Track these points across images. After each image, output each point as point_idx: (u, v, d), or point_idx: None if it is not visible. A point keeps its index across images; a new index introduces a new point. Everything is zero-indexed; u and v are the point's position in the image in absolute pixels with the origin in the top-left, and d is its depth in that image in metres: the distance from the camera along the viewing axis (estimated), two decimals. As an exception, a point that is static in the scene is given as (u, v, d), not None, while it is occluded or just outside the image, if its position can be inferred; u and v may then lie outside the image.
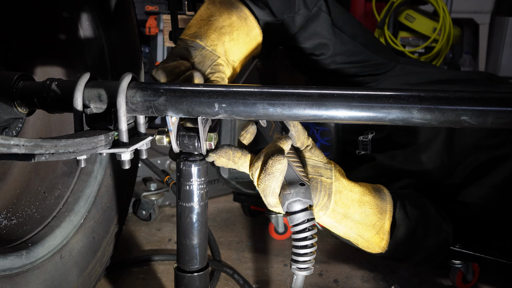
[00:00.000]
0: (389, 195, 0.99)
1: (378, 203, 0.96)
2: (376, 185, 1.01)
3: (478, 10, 3.51)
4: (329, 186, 0.89)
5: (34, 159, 0.58)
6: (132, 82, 0.80)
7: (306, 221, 0.82)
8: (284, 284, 1.40)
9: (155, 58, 3.60)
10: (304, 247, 0.82)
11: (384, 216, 0.96)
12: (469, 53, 3.69)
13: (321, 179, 0.89)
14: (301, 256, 0.82)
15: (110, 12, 1.26)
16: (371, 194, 0.95)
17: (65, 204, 1.19)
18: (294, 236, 0.82)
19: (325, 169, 0.90)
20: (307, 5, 1.21)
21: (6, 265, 0.91)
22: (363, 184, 0.96)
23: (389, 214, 0.97)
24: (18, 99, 0.85)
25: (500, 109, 0.69)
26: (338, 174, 0.91)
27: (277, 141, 0.84)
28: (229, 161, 0.85)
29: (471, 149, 1.20)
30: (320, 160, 0.90)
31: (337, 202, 0.90)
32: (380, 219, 0.96)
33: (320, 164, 0.90)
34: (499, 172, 1.16)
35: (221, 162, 0.86)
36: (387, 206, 0.97)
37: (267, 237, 1.70)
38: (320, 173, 0.89)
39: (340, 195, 0.90)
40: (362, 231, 0.95)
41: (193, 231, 0.90)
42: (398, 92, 0.73)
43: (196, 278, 0.92)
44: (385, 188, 1.00)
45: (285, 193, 0.83)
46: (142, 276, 1.43)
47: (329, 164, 0.91)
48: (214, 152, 0.85)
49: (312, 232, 0.82)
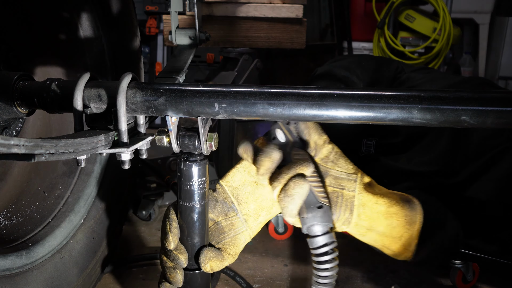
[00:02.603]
0: (419, 204, 0.93)
1: (407, 214, 0.90)
2: (404, 194, 0.95)
3: (478, 10, 3.51)
4: (351, 199, 0.86)
5: (34, 159, 0.58)
6: (132, 82, 0.80)
7: (325, 245, 0.81)
8: (284, 284, 1.40)
9: (155, 58, 3.60)
10: (324, 270, 0.81)
11: (413, 227, 0.91)
12: (469, 53, 3.69)
13: (342, 193, 0.85)
14: (322, 278, 0.81)
15: (110, 12, 1.26)
16: (399, 205, 0.90)
17: (65, 204, 1.19)
18: (315, 259, 0.81)
19: (348, 180, 0.86)
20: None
21: (6, 265, 0.91)
22: (390, 194, 0.91)
23: (419, 225, 0.91)
24: (18, 99, 0.85)
25: (500, 109, 0.69)
26: (362, 185, 0.87)
27: (298, 163, 0.82)
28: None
29: (476, 150, 1.20)
30: (343, 170, 0.87)
31: (360, 215, 0.86)
32: (408, 230, 0.90)
33: (342, 175, 0.86)
34: (500, 165, 1.16)
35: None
36: (417, 217, 0.91)
37: (267, 237, 1.70)
38: (342, 186, 0.86)
39: (364, 208, 0.87)
40: (388, 243, 0.91)
41: (194, 230, 0.90)
42: (398, 92, 0.73)
43: (198, 276, 0.92)
44: (414, 198, 0.94)
45: (303, 216, 0.81)
46: (142, 276, 1.43)
47: (353, 175, 0.87)
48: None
49: (333, 255, 0.81)
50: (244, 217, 0.95)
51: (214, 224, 0.95)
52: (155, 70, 3.56)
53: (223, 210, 0.95)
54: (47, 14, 1.18)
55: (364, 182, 0.88)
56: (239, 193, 0.96)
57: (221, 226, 0.95)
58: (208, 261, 0.89)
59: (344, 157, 0.89)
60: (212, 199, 0.95)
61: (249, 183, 0.96)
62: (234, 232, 0.95)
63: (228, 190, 0.96)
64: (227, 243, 0.94)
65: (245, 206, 0.96)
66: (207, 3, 2.07)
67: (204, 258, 0.89)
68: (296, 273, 1.46)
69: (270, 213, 0.98)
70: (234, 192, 0.96)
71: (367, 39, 3.62)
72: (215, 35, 2.07)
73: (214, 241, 0.95)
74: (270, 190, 0.97)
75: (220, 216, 0.95)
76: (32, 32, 1.15)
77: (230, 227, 0.95)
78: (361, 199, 0.87)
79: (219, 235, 0.95)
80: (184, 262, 0.89)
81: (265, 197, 0.96)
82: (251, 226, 0.96)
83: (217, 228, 0.95)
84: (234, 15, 2.09)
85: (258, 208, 0.96)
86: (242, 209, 0.95)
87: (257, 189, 0.96)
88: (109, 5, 1.25)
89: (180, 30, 1.08)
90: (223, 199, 0.96)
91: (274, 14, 2.07)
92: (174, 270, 0.89)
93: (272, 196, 0.87)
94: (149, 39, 3.56)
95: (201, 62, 3.30)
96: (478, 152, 1.20)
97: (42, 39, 1.18)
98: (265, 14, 2.07)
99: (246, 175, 0.97)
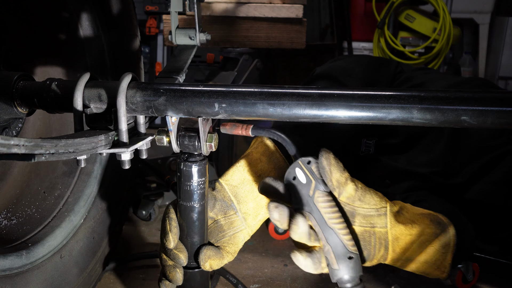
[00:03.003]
0: (451, 225, 0.89)
1: (441, 239, 0.87)
2: (433, 213, 0.91)
3: (478, 10, 3.51)
4: (384, 236, 0.83)
5: (34, 159, 0.58)
6: (132, 82, 0.80)
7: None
8: (284, 284, 1.40)
9: (155, 58, 3.60)
10: None
11: (447, 250, 0.87)
12: (469, 53, 3.69)
13: (374, 231, 0.83)
14: None
15: (110, 12, 1.26)
16: (431, 231, 0.87)
17: (65, 204, 1.19)
18: None
19: (378, 216, 0.84)
20: None
21: (6, 265, 0.91)
22: (421, 219, 0.88)
23: (452, 248, 0.88)
24: (18, 99, 0.85)
25: (500, 109, 0.69)
26: (393, 217, 0.85)
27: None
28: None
29: (476, 150, 1.20)
30: (372, 206, 0.84)
31: (395, 249, 0.85)
32: (443, 253, 0.87)
33: (372, 212, 0.84)
34: (500, 167, 1.16)
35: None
36: (451, 240, 0.87)
37: (267, 237, 1.70)
38: (372, 224, 0.83)
39: (398, 241, 0.84)
40: (423, 269, 0.88)
41: (193, 229, 0.90)
42: (398, 92, 0.73)
43: (197, 274, 0.92)
44: (443, 216, 0.91)
45: (334, 268, 0.80)
46: (142, 276, 1.43)
47: (382, 208, 0.84)
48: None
49: None
50: (243, 216, 0.95)
51: (213, 222, 0.95)
52: (155, 70, 3.56)
53: (222, 208, 0.95)
54: (47, 14, 1.18)
55: (393, 212, 0.85)
56: (238, 192, 0.96)
57: (220, 225, 0.95)
58: (207, 260, 0.90)
59: (370, 191, 0.85)
60: (212, 198, 0.95)
61: (248, 181, 0.96)
62: (233, 231, 0.95)
63: (228, 189, 0.96)
64: (226, 241, 0.94)
65: (244, 204, 0.96)
66: (207, 3, 2.07)
67: (204, 257, 0.89)
68: (296, 273, 1.46)
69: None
70: (233, 191, 0.96)
71: (367, 39, 3.62)
72: (215, 35, 2.07)
73: (213, 239, 0.95)
74: None
75: (220, 214, 0.95)
76: (32, 32, 1.15)
77: (229, 226, 0.95)
78: (394, 234, 0.84)
79: (218, 233, 0.95)
80: (184, 260, 0.89)
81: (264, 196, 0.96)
82: (250, 224, 0.96)
83: (217, 227, 0.95)
84: (234, 15, 2.09)
85: (257, 207, 0.96)
86: (241, 208, 0.95)
87: (256, 187, 0.96)
88: (109, 5, 1.25)
89: (180, 30, 1.08)
90: (222, 197, 0.96)
91: (274, 14, 2.07)
92: (174, 268, 0.89)
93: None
94: (149, 39, 3.56)
95: (201, 62, 3.30)
96: (478, 153, 1.20)
97: (42, 39, 1.18)
98: (265, 14, 2.07)
99: (245, 174, 0.97)
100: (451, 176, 1.23)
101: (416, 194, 1.16)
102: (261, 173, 0.97)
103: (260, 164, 0.98)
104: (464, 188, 1.20)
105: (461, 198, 1.19)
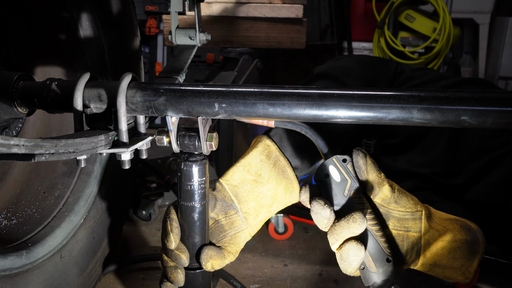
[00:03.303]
0: (480, 232, 0.87)
1: (470, 246, 0.86)
2: (463, 221, 0.90)
3: (478, 10, 3.51)
4: (417, 241, 0.83)
5: (34, 159, 0.58)
6: (132, 82, 0.80)
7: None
8: (284, 284, 1.40)
9: (155, 58, 3.61)
10: None
11: (475, 257, 0.86)
12: (469, 53, 3.69)
13: (407, 235, 0.82)
14: None
15: (110, 12, 1.26)
16: (462, 237, 0.86)
17: (65, 204, 1.19)
18: None
19: (412, 220, 0.83)
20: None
21: (6, 265, 0.91)
22: (452, 225, 0.87)
23: (480, 254, 0.87)
24: (18, 99, 0.85)
25: (500, 109, 0.69)
26: (427, 222, 0.84)
27: (356, 221, 0.77)
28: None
29: (477, 150, 1.20)
30: (407, 210, 0.83)
31: (426, 254, 0.84)
32: (470, 260, 0.86)
33: (407, 216, 0.83)
34: (501, 168, 1.16)
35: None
36: (479, 247, 0.86)
37: (267, 237, 1.70)
38: (407, 228, 0.83)
39: (430, 247, 0.84)
40: (449, 274, 0.87)
41: (195, 229, 0.90)
42: (398, 92, 0.73)
43: (199, 275, 0.92)
44: (473, 224, 0.89)
45: (372, 271, 0.79)
46: (142, 276, 1.43)
47: (417, 212, 0.84)
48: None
49: None
50: (244, 215, 0.95)
51: (214, 222, 0.95)
52: (155, 70, 3.57)
53: (223, 208, 0.95)
54: (47, 14, 1.18)
55: (428, 219, 0.84)
56: (239, 192, 0.96)
57: (221, 225, 0.95)
58: (209, 260, 0.89)
59: (406, 194, 0.84)
60: (212, 198, 0.95)
61: (249, 181, 0.96)
62: (235, 230, 0.95)
63: (228, 189, 0.96)
64: (227, 241, 0.94)
65: (245, 204, 0.96)
66: (207, 3, 2.07)
67: (205, 257, 0.89)
68: (296, 273, 1.46)
69: (270, 211, 0.98)
70: (233, 191, 0.96)
71: (367, 39, 3.62)
72: (215, 35, 2.07)
73: (214, 239, 0.95)
74: (270, 188, 0.97)
75: (220, 214, 0.95)
76: (32, 32, 1.15)
77: (230, 225, 0.95)
78: (427, 239, 0.83)
79: (220, 233, 0.95)
80: (185, 261, 0.89)
81: (264, 195, 0.96)
82: (251, 224, 0.96)
83: (218, 227, 0.95)
84: (234, 15, 2.09)
85: (258, 206, 0.96)
86: (242, 207, 0.95)
87: (257, 187, 0.96)
88: (109, 5, 1.25)
89: (180, 30, 1.08)
90: (222, 197, 0.96)
91: (274, 14, 2.07)
92: (176, 269, 0.89)
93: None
94: (149, 39, 3.56)
95: (201, 62, 3.31)
96: (478, 153, 1.20)
97: (42, 39, 1.18)
98: (265, 14, 2.07)
99: (245, 174, 0.97)
100: (451, 177, 1.23)
101: (419, 194, 1.16)
102: (261, 172, 0.97)
103: (260, 163, 0.98)
104: (464, 188, 1.20)
105: (461, 198, 1.19)
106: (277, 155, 0.99)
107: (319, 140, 0.85)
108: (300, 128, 0.87)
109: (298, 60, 2.83)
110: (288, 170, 0.98)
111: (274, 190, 0.97)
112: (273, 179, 0.97)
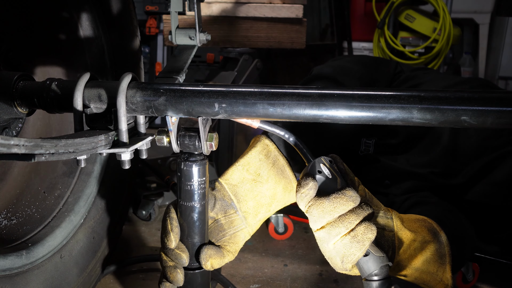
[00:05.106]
0: (444, 234, 0.90)
1: (437, 247, 0.88)
2: (428, 220, 0.93)
3: (478, 10, 3.51)
4: (392, 239, 0.85)
5: (34, 159, 0.58)
6: (132, 82, 0.80)
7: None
8: (284, 284, 1.40)
9: (155, 58, 3.60)
10: None
11: (444, 260, 0.89)
12: (469, 53, 3.69)
13: (383, 233, 0.85)
14: None
15: (110, 12, 1.26)
16: (429, 238, 0.89)
17: (65, 204, 1.19)
18: None
19: (386, 219, 0.86)
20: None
21: (6, 265, 0.91)
22: (419, 226, 0.90)
23: (448, 258, 0.89)
24: (18, 99, 0.85)
25: (500, 109, 0.69)
26: (399, 221, 0.86)
27: (363, 207, 0.80)
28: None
29: (476, 150, 1.20)
30: (380, 209, 0.86)
31: (400, 254, 0.86)
32: (441, 264, 0.88)
33: (381, 214, 0.86)
34: (501, 169, 1.16)
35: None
36: (445, 249, 0.89)
37: (267, 237, 1.70)
38: (382, 226, 0.85)
39: (403, 246, 0.86)
40: (426, 279, 0.89)
41: (194, 229, 0.90)
42: (398, 92, 0.73)
43: (198, 275, 0.92)
44: (436, 225, 0.92)
45: (377, 255, 0.80)
46: (142, 276, 1.43)
47: (388, 212, 0.86)
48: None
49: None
50: (243, 215, 0.96)
51: (213, 221, 0.95)
52: (155, 70, 3.56)
53: (223, 207, 0.96)
54: (47, 14, 1.18)
55: (399, 218, 0.87)
56: (238, 191, 0.96)
57: (221, 224, 0.95)
58: (208, 259, 0.90)
59: (374, 197, 0.87)
60: (211, 197, 0.95)
61: (248, 180, 0.96)
62: (234, 230, 0.95)
63: (227, 188, 0.96)
64: (226, 240, 0.95)
65: (244, 203, 0.96)
66: (207, 3, 2.07)
67: (205, 256, 0.89)
68: (296, 273, 1.46)
69: (269, 210, 0.98)
70: (233, 190, 0.96)
71: (367, 39, 3.62)
72: (215, 35, 2.07)
73: (213, 238, 0.95)
74: (269, 187, 0.97)
75: (220, 213, 0.95)
76: (32, 31, 1.15)
77: (230, 225, 0.95)
78: (399, 238, 0.86)
79: (219, 232, 0.95)
80: (185, 260, 0.90)
81: (264, 195, 0.96)
82: (251, 223, 0.97)
83: (217, 226, 0.95)
84: (234, 15, 2.09)
85: (257, 206, 0.96)
86: (241, 207, 0.96)
87: (256, 186, 0.96)
88: (109, 5, 1.25)
89: (180, 30, 1.08)
90: (222, 197, 0.96)
91: (274, 14, 2.07)
92: (175, 269, 0.89)
93: (299, 207, 0.84)
94: (149, 39, 3.56)
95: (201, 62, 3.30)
96: (478, 154, 1.20)
97: (42, 38, 1.18)
98: (265, 14, 2.07)
99: (244, 173, 0.97)
100: (451, 177, 1.23)
101: (418, 195, 1.16)
102: (260, 171, 0.97)
103: (259, 163, 0.98)
104: (464, 188, 1.20)
105: (461, 198, 1.19)
106: (276, 154, 0.99)
107: (301, 146, 0.88)
108: (284, 133, 0.88)
109: (298, 60, 2.83)
110: (287, 170, 0.98)
111: (273, 189, 0.97)
112: (272, 179, 0.97)
